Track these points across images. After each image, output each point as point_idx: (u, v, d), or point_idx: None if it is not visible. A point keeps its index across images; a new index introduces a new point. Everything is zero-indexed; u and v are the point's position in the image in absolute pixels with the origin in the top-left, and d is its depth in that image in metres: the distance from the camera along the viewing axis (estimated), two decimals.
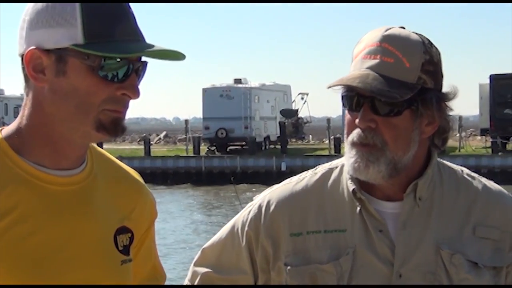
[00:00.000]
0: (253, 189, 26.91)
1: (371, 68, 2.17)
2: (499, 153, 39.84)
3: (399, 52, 2.18)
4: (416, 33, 2.23)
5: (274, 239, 2.32)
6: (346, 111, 2.24)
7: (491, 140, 41.22)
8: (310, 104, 52.41)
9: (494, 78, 41.30)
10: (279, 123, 45.40)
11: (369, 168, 2.19)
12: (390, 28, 2.23)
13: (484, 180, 2.38)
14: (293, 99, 51.69)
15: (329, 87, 2.21)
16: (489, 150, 41.07)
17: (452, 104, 2.27)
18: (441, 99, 2.24)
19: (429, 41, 2.24)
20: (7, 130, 1.97)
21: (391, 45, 2.19)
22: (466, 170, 2.39)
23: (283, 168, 36.49)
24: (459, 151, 41.60)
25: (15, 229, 1.87)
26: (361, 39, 2.25)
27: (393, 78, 2.16)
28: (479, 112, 43.64)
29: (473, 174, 2.39)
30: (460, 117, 45.21)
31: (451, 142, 43.29)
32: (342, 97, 2.24)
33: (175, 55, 1.91)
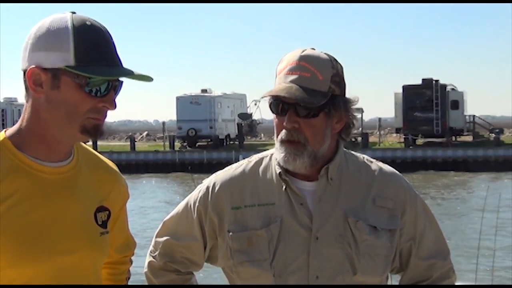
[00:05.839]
0: None
1: (293, 81, 2.19)
2: (410, 147, 40.18)
3: (313, 68, 2.20)
4: (325, 53, 2.26)
5: (219, 213, 2.33)
6: (274, 116, 2.26)
7: (404, 136, 41.56)
8: (262, 108, 52.21)
9: (406, 88, 41.68)
10: (237, 124, 45.42)
11: (296, 160, 2.21)
12: (305, 50, 2.24)
13: (380, 163, 2.41)
14: (248, 105, 51.58)
15: (262, 97, 2.23)
16: (402, 144, 41.38)
17: (355, 106, 2.29)
18: (346, 103, 2.27)
19: (335, 58, 2.27)
20: (10, 130, 1.97)
21: (307, 63, 2.21)
22: (366, 156, 2.42)
23: (240, 159, 36.19)
24: (379, 145, 41.84)
25: (15, 209, 1.87)
26: (282, 59, 2.26)
27: (311, 89, 2.18)
28: (394, 115, 43.87)
29: (371, 159, 2.42)
30: (380, 119, 45.67)
31: (372, 138, 43.74)
32: (270, 104, 2.25)
33: (145, 79, 1.92)
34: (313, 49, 2.27)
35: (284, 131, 2.22)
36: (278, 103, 2.23)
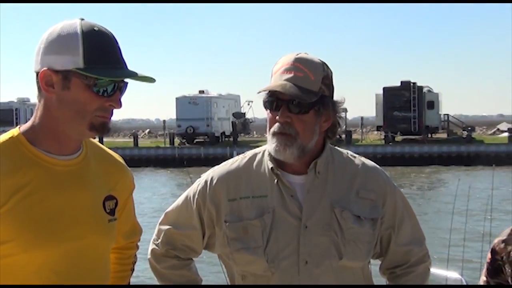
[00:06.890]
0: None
1: (288, 80, 2.20)
2: (390, 144, 40.28)
3: (306, 69, 2.21)
4: (317, 58, 2.27)
5: (216, 204, 2.33)
6: (268, 112, 2.26)
7: (384, 134, 41.68)
8: (254, 108, 52.22)
9: (386, 90, 41.85)
10: (232, 122, 45.45)
11: (286, 150, 2.21)
12: (299, 53, 2.26)
13: (362, 158, 2.42)
14: (241, 105, 51.57)
15: (259, 92, 2.24)
16: (383, 141, 41.47)
17: (341, 108, 2.31)
18: (334, 104, 2.28)
19: (326, 64, 2.28)
20: (24, 127, 1.97)
21: (301, 64, 2.22)
22: (350, 152, 2.43)
23: (234, 155, 36.16)
24: (361, 142, 41.94)
25: (29, 198, 1.87)
26: (277, 61, 2.27)
27: (303, 87, 2.19)
28: (375, 114, 43.96)
29: (354, 154, 2.43)
30: (362, 118, 45.72)
31: (355, 136, 43.79)
32: (265, 101, 2.26)
33: (148, 80, 1.92)
34: (306, 53, 2.28)
35: (277, 124, 2.22)
36: (273, 100, 2.23)
